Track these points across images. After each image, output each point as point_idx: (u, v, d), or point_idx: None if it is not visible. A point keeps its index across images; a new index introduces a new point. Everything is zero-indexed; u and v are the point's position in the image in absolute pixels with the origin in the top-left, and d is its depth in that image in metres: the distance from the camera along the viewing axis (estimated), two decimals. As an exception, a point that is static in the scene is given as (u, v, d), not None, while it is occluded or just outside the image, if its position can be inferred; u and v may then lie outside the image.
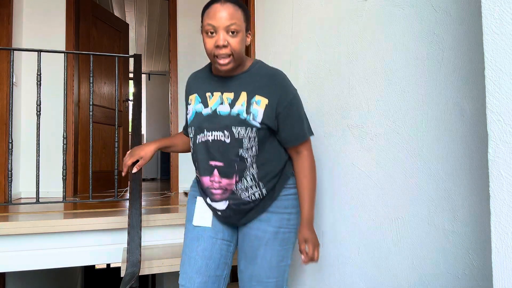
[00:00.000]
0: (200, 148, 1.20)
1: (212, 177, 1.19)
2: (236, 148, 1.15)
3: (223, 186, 1.19)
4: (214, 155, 1.17)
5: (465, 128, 0.83)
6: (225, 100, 1.17)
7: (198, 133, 1.21)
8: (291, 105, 1.18)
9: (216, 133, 1.16)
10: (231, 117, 1.15)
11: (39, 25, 3.25)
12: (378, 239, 1.14)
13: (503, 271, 0.54)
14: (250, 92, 1.16)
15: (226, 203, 1.21)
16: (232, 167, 1.17)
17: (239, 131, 1.14)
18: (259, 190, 1.21)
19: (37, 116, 2.25)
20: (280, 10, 1.96)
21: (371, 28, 1.17)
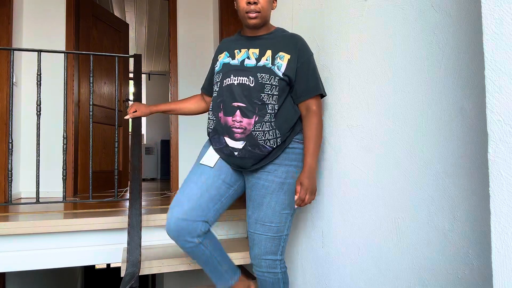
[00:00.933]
0: (225, 90, 1.35)
1: (234, 117, 1.32)
2: (259, 92, 1.30)
3: (243, 125, 1.31)
4: (237, 97, 1.32)
5: (465, 128, 0.83)
6: (251, 55, 1.35)
7: (224, 78, 1.36)
8: (309, 62, 1.36)
9: (242, 77, 1.32)
10: (257, 67, 1.33)
11: (39, 25, 3.25)
12: (378, 239, 1.14)
13: (503, 271, 0.54)
14: (274, 50, 1.34)
15: (243, 143, 1.33)
16: (253, 109, 1.31)
17: (263, 76, 1.31)
18: (274, 138, 1.33)
19: (37, 116, 2.25)
20: (280, 10, 1.96)
21: (371, 28, 1.17)
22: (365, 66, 1.21)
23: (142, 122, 4.81)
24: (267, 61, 1.33)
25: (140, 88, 2.24)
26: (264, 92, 1.30)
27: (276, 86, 1.32)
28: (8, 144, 2.24)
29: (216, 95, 1.40)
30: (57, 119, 3.25)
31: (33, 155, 3.14)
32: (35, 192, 2.59)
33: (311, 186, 1.29)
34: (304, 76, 1.35)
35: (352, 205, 1.28)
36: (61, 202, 2.34)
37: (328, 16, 1.45)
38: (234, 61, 1.37)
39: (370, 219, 1.18)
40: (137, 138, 1.88)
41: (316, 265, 1.55)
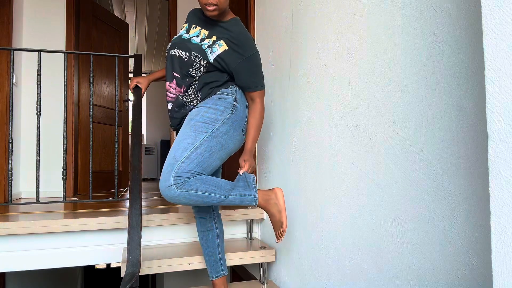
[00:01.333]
0: (169, 59, 1.56)
1: (171, 83, 1.56)
2: (188, 66, 1.49)
3: (176, 92, 1.55)
4: (175, 68, 1.53)
5: (465, 128, 0.83)
6: (201, 34, 1.53)
7: (171, 48, 1.55)
8: (255, 58, 1.51)
9: (181, 51, 1.50)
10: (196, 45, 1.50)
11: (39, 25, 3.25)
12: (378, 239, 1.14)
13: (503, 271, 0.54)
14: (218, 37, 1.50)
15: (171, 105, 1.58)
16: (184, 80, 1.52)
17: (195, 55, 1.48)
18: (196, 99, 1.54)
19: (37, 116, 2.25)
20: (280, 10, 1.96)
21: (371, 28, 1.17)
22: (365, 66, 1.21)
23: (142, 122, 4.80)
24: (207, 43, 1.49)
25: (140, 88, 2.24)
26: (192, 68, 1.49)
27: (204, 67, 1.49)
28: (8, 144, 2.24)
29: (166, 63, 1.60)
30: (57, 119, 3.25)
31: (33, 155, 3.14)
32: (35, 192, 2.59)
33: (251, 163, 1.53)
34: (246, 72, 1.51)
35: (352, 205, 1.28)
36: (61, 202, 2.33)
37: (328, 16, 1.45)
38: (186, 35, 1.56)
39: (370, 219, 1.18)
40: (137, 138, 1.88)
41: (316, 265, 1.55)
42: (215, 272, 1.74)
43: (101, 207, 2.34)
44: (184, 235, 2.11)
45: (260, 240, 2.22)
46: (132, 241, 1.51)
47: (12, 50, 2.25)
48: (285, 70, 1.90)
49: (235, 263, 1.90)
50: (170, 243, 2.10)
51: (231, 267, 3.22)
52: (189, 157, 1.41)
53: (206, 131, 1.45)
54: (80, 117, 3.45)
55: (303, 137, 1.68)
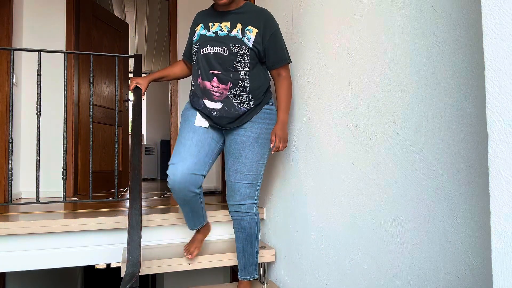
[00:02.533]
0: (202, 58, 1.55)
1: (212, 82, 1.54)
2: (231, 61, 1.50)
3: (220, 90, 1.53)
4: (214, 65, 1.52)
5: (465, 128, 0.83)
6: (224, 28, 1.54)
7: (201, 47, 1.55)
8: (275, 35, 1.56)
9: (216, 47, 1.51)
10: (229, 37, 1.52)
11: (39, 25, 3.25)
12: (378, 239, 1.14)
13: (503, 271, 0.54)
14: (244, 23, 1.53)
15: (221, 104, 1.55)
16: (228, 76, 1.52)
17: (235, 47, 1.50)
18: (247, 101, 1.56)
19: (37, 116, 2.25)
20: (280, 10, 1.96)
21: (371, 28, 1.17)
22: (365, 66, 1.21)
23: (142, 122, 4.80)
24: (237, 32, 1.52)
25: (140, 89, 2.24)
26: (236, 61, 1.51)
27: (247, 55, 1.52)
28: (8, 144, 2.24)
29: (195, 63, 1.60)
30: (57, 119, 3.25)
31: (33, 155, 3.14)
32: (35, 192, 2.59)
33: (284, 136, 1.57)
34: (273, 48, 1.57)
35: (352, 205, 1.28)
36: (61, 202, 2.34)
37: (328, 16, 1.45)
38: (210, 33, 1.56)
39: (370, 219, 1.18)
40: (137, 138, 1.88)
41: (316, 265, 1.55)
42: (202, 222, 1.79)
43: (101, 207, 2.34)
44: (184, 235, 2.11)
45: (260, 240, 2.22)
46: (132, 241, 1.51)
47: (12, 50, 2.25)
48: (285, 70, 1.90)
49: (235, 263, 1.90)
50: (170, 243, 2.10)
51: (231, 267, 3.22)
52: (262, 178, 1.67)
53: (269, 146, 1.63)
54: (80, 117, 3.45)
55: (303, 137, 1.68)
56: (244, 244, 1.69)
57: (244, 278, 1.72)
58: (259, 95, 1.59)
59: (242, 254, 1.71)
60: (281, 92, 1.61)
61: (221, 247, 2.00)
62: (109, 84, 3.87)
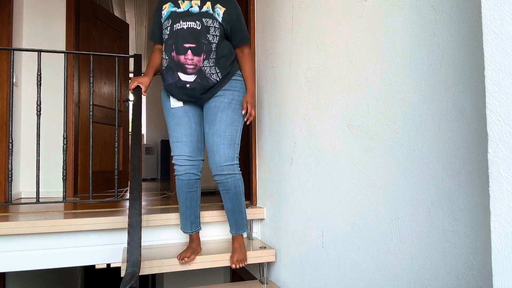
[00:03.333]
0: (176, 33, 1.66)
1: (186, 55, 1.65)
2: (205, 33, 1.65)
3: (194, 62, 1.66)
4: (188, 39, 1.64)
5: (465, 128, 0.83)
6: (194, 5, 1.68)
7: (174, 23, 1.66)
8: (240, 17, 1.78)
9: (190, 22, 1.64)
10: (201, 12, 1.66)
11: (39, 25, 3.25)
12: (378, 239, 1.14)
13: (503, 271, 0.54)
14: (213, 2, 1.69)
15: (194, 77, 1.68)
16: (201, 48, 1.65)
17: (207, 20, 1.65)
18: (215, 73, 1.71)
19: (37, 116, 2.25)
20: (280, 10, 1.96)
21: (371, 28, 1.17)
22: (365, 66, 1.21)
23: (142, 122, 4.80)
24: (208, 8, 1.67)
25: (140, 88, 2.24)
26: (209, 33, 1.66)
27: (218, 28, 1.68)
28: (8, 144, 2.24)
29: (167, 38, 1.69)
30: (57, 119, 3.25)
31: (33, 155, 3.14)
32: (35, 192, 2.59)
33: (253, 103, 1.78)
34: (239, 27, 1.78)
35: (352, 205, 1.28)
36: (61, 202, 2.34)
37: (328, 16, 1.45)
38: (180, 9, 1.68)
39: (370, 219, 1.18)
40: (137, 138, 1.88)
41: (316, 265, 1.55)
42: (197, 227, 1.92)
43: (101, 207, 2.34)
44: (184, 235, 2.11)
45: (260, 240, 2.22)
46: (132, 241, 1.51)
47: (12, 50, 2.25)
48: (285, 70, 1.90)
49: (235, 263, 1.90)
50: (170, 243, 2.10)
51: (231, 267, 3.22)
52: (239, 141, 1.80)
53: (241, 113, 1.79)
54: (80, 117, 3.45)
55: (303, 137, 1.68)
56: (232, 203, 1.85)
57: (236, 233, 1.89)
58: (226, 65, 1.74)
59: (231, 212, 1.87)
60: (246, 67, 1.83)
61: (221, 247, 2.00)
62: (109, 84, 3.87)
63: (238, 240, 1.90)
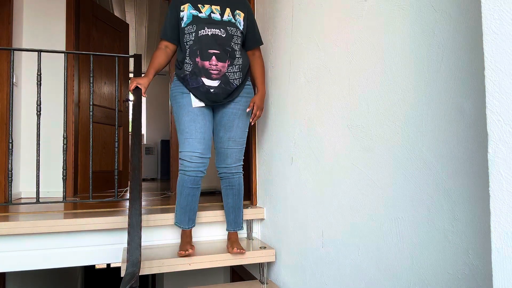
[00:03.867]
0: (201, 39, 1.69)
1: (211, 61, 1.70)
2: (229, 41, 1.71)
3: (219, 68, 1.71)
4: (212, 45, 1.69)
5: (465, 128, 0.83)
6: (215, 11, 1.71)
7: (199, 29, 1.70)
8: (254, 19, 1.86)
9: (215, 29, 1.69)
10: (223, 21, 1.71)
11: (39, 25, 3.25)
12: (378, 239, 1.14)
13: (503, 271, 0.54)
14: (232, 8, 1.75)
15: (219, 82, 1.74)
16: (226, 54, 1.71)
17: (231, 29, 1.72)
18: (239, 78, 1.79)
19: (37, 116, 2.25)
20: (280, 10, 1.96)
21: (371, 28, 1.17)
22: (365, 66, 1.21)
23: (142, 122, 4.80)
24: (229, 16, 1.72)
25: (140, 89, 2.24)
26: (232, 41, 1.72)
27: (239, 37, 1.76)
28: (8, 144, 2.24)
29: (192, 43, 1.72)
30: (57, 119, 3.25)
31: (33, 155, 3.14)
32: (35, 192, 2.59)
33: (261, 105, 1.86)
34: (252, 31, 1.85)
35: (352, 205, 1.28)
36: (61, 202, 2.34)
37: (328, 16, 1.45)
38: (202, 14, 1.71)
39: (370, 219, 1.18)
40: (137, 138, 1.88)
41: (316, 265, 1.55)
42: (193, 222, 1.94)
43: (101, 207, 2.34)
44: (184, 235, 2.11)
45: (260, 240, 2.22)
46: (132, 241, 1.51)
47: (12, 50, 2.25)
48: (285, 70, 1.90)
49: (235, 263, 1.90)
50: (170, 243, 2.10)
51: (231, 267, 3.22)
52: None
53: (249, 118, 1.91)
54: (80, 117, 3.45)
55: (303, 137, 1.68)
56: (234, 199, 1.94)
57: (234, 229, 1.97)
58: (245, 71, 1.84)
59: (232, 209, 1.95)
60: (258, 69, 1.90)
61: (221, 247, 2.00)
62: (109, 84, 3.87)
63: (234, 235, 1.98)
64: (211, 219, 2.10)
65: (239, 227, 1.98)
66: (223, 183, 1.94)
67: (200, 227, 2.15)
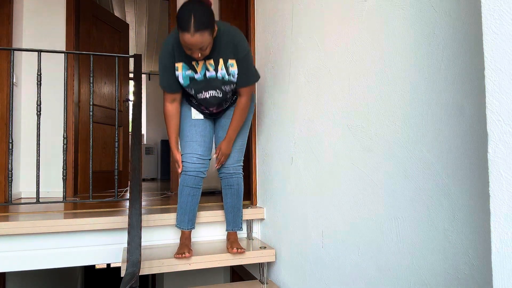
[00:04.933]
0: (201, 101, 1.79)
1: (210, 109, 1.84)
2: (226, 96, 1.80)
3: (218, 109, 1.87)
4: (211, 104, 1.80)
5: (465, 128, 0.83)
6: (209, 67, 1.70)
7: (197, 93, 1.76)
8: (246, 58, 1.71)
9: (212, 91, 1.75)
10: (218, 80, 1.72)
11: (39, 25, 3.25)
12: (378, 239, 1.14)
13: (503, 271, 0.54)
14: (224, 58, 1.68)
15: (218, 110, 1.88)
16: (222, 105, 1.86)
17: (226, 88, 1.76)
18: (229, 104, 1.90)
19: (37, 116, 2.25)
20: (280, 10, 1.96)
21: (371, 28, 1.17)
22: (365, 66, 1.21)
23: (142, 122, 4.80)
24: (223, 71, 1.70)
25: (140, 88, 2.24)
26: (227, 97, 1.82)
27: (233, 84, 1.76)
28: (8, 144, 2.24)
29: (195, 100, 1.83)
30: (57, 119, 3.25)
31: (33, 155, 3.14)
32: (35, 192, 2.59)
33: (226, 152, 1.87)
34: (240, 70, 1.72)
35: (352, 205, 1.28)
36: (61, 202, 2.34)
37: (328, 16, 1.45)
38: (198, 75, 1.71)
39: (370, 219, 1.18)
40: (137, 138, 1.88)
41: (316, 265, 1.55)
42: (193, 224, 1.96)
43: (101, 207, 2.34)
44: (184, 235, 2.10)
45: (260, 240, 2.22)
46: (132, 241, 1.51)
47: (12, 50, 2.25)
48: (285, 70, 1.90)
49: (235, 263, 1.90)
50: (170, 243, 2.10)
51: (231, 267, 3.22)
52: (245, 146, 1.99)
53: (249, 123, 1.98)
54: (80, 117, 3.45)
55: (303, 137, 1.68)
56: (233, 199, 1.97)
57: (233, 229, 1.99)
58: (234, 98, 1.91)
59: (231, 209, 1.98)
60: (236, 109, 1.82)
61: (221, 247, 2.00)
62: (109, 84, 3.87)
63: (233, 235, 2.00)
64: (211, 219, 2.10)
65: (237, 227, 2.00)
66: (223, 183, 1.98)
67: (200, 227, 2.15)
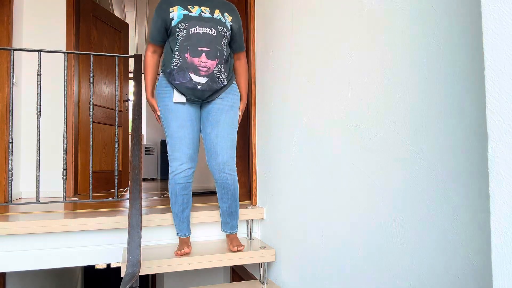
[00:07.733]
0: (191, 37, 1.70)
1: (200, 58, 1.70)
2: (219, 40, 1.74)
3: (208, 65, 1.72)
4: (202, 43, 1.70)
5: (465, 128, 0.83)
6: (204, 11, 1.75)
7: (190, 27, 1.71)
8: (240, 26, 1.89)
9: (205, 28, 1.71)
10: (214, 19, 1.74)
11: (39, 25, 3.25)
12: (378, 239, 1.14)
13: (503, 271, 0.54)
14: (221, 10, 1.79)
15: (206, 79, 1.73)
16: (215, 53, 1.72)
17: (221, 28, 1.75)
18: (224, 78, 1.80)
19: (37, 116, 2.25)
20: (280, 10, 1.96)
21: (371, 28, 1.17)
22: (365, 66, 1.21)
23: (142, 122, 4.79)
24: (219, 15, 1.76)
25: (140, 88, 2.24)
26: (222, 40, 1.74)
27: (228, 37, 1.79)
28: (8, 144, 2.24)
29: (183, 39, 1.71)
30: (57, 119, 3.25)
31: (33, 155, 3.14)
32: (35, 192, 2.59)
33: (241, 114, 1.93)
34: (239, 36, 1.89)
35: (352, 205, 1.28)
36: (61, 202, 2.34)
37: (328, 16, 1.46)
38: (192, 13, 1.73)
39: (370, 219, 1.18)
40: (137, 138, 1.88)
41: (316, 265, 1.55)
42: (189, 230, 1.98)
43: (101, 207, 2.34)
44: (184, 235, 2.10)
45: (260, 240, 2.22)
46: (132, 241, 1.51)
47: (12, 50, 2.25)
48: (285, 70, 1.90)
49: (235, 263, 1.90)
50: (170, 243, 2.10)
51: (231, 267, 3.22)
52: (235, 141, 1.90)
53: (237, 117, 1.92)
54: (80, 117, 3.45)
55: (303, 137, 1.68)
56: (230, 203, 1.91)
57: (231, 232, 1.98)
58: (230, 70, 1.87)
59: (227, 212, 1.94)
60: (243, 75, 1.95)
61: (221, 247, 2.00)
62: (109, 84, 3.87)
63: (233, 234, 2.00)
64: (210, 219, 2.10)
65: (235, 229, 1.99)
66: (219, 188, 1.90)
67: (199, 227, 2.15)
